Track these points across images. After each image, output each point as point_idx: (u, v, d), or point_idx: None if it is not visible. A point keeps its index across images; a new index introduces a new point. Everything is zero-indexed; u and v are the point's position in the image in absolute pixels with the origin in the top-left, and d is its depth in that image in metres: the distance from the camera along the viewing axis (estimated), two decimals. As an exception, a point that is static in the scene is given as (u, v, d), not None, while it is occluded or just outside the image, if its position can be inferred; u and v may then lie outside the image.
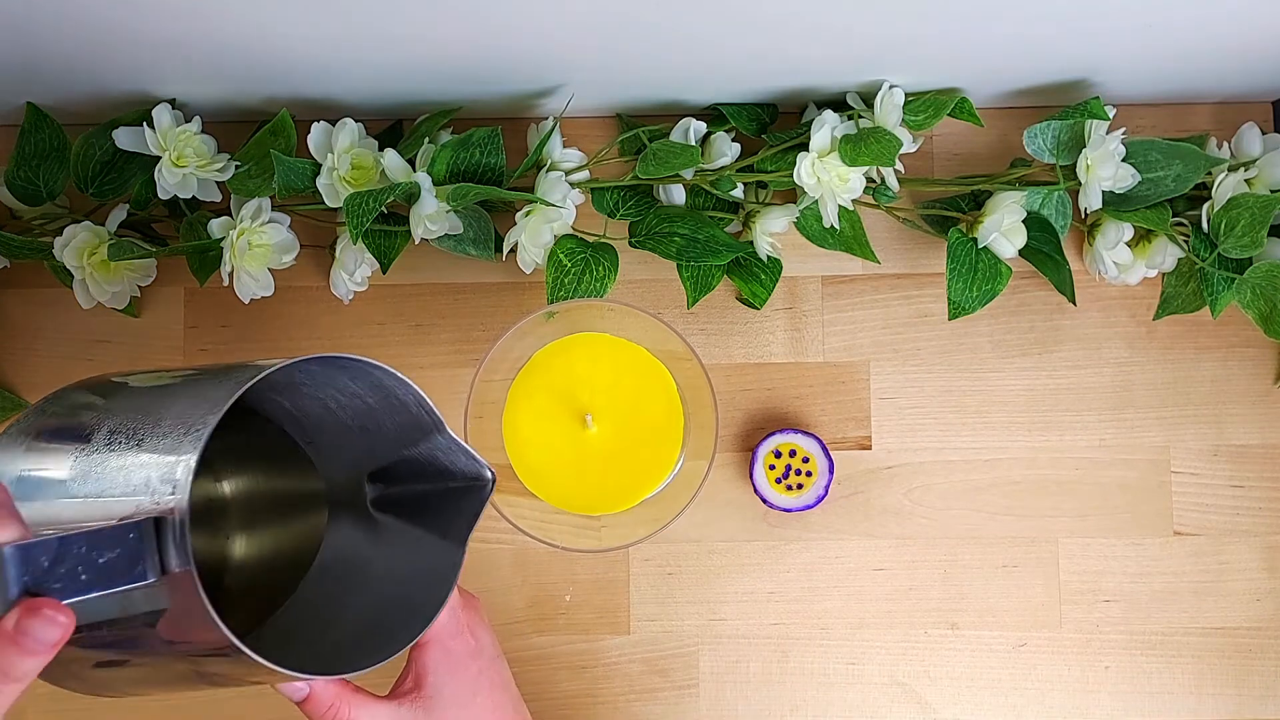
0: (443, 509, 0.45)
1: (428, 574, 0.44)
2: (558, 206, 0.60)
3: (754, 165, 0.63)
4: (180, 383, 0.41)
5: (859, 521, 0.66)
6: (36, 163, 0.61)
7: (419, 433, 0.44)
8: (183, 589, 0.34)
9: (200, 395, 0.38)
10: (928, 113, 0.62)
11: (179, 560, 0.34)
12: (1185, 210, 0.63)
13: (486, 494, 0.43)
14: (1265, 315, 0.60)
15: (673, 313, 0.67)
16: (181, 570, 0.34)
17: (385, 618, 0.44)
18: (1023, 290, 0.67)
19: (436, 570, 0.43)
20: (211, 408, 0.36)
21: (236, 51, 0.55)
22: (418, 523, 0.46)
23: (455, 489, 0.44)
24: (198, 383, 0.40)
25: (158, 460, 0.36)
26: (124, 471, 0.37)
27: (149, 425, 0.38)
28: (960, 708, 0.65)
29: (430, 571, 0.44)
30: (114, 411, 0.40)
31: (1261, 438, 0.66)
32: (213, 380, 0.39)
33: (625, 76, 0.61)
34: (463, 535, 0.43)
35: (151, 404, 0.39)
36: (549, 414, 0.61)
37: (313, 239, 0.65)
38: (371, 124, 0.64)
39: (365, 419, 0.46)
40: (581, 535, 0.61)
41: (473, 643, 0.47)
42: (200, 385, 0.40)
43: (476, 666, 0.47)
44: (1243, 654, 0.65)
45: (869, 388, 0.67)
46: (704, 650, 0.65)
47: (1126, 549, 0.65)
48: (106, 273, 0.62)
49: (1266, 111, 0.68)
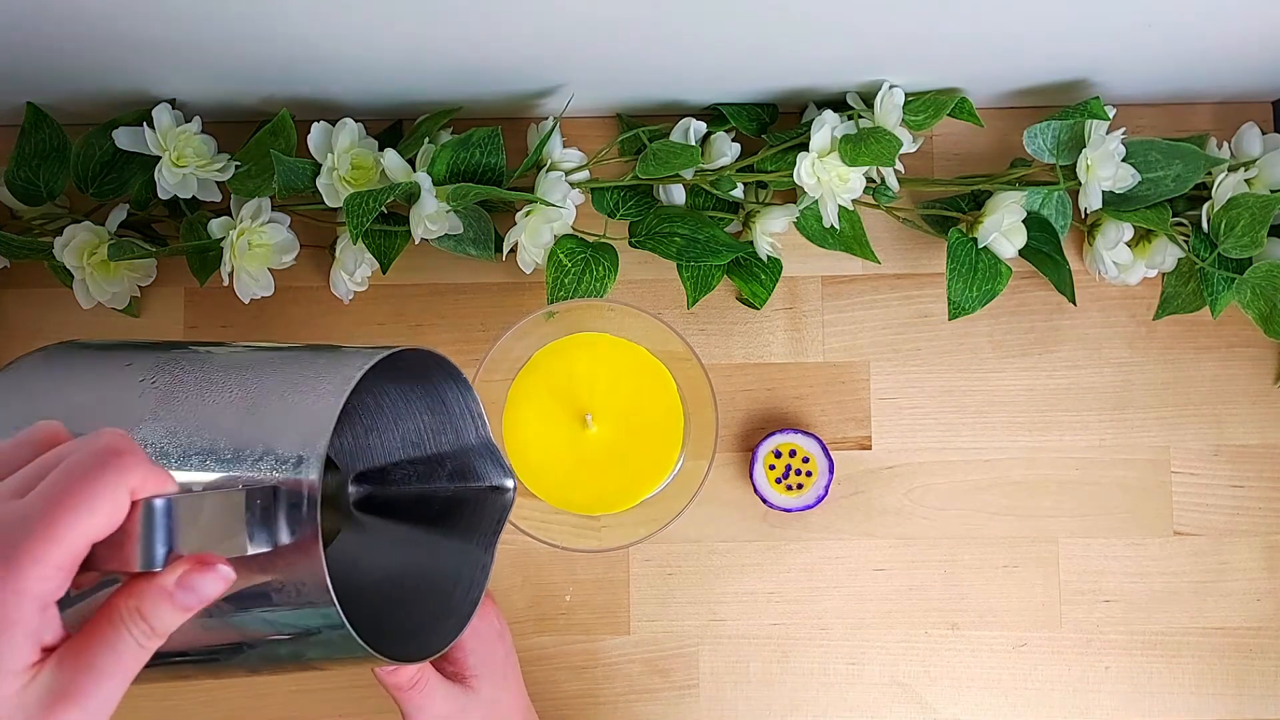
0: (452, 512, 0.45)
1: (428, 571, 0.44)
2: (558, 206, 0.60)
3: (754, 165, 0.63)
4: (288, 356, 0.41)
5: (859, 521, 0.66)
6: (36, 163, 0.61)
7: (445, 435, 0.44)
8: (302, 558, 0.33)
9: (320, 368, 0.38)
10: (928, 113, 0.62)
11: (303, 529, 0.33)
12: (1185, 210, 0.63)
13: (510, 499, 0.44)
14: (1265, 315, 0.60)
15: (673, 313, 0.67)
16: (306, 537, 0.33)
17: (387, 615, 0.44)
18: (1023, 290, 0.67)
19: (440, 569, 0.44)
20: (342, 381, 0.36)
21: (236, 51, 0.55)
22: (414, 523, 0.47)
23: (469, 493, 0.45)
24: (307, 356, 0.40)
25: (287, 426, 0.35)
26: (254, 434, 0.36)
27: (276, 392, 0.37)
28: (960, 708, 0.65)
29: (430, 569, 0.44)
30: (235, 375, 0.39)
31: (1261, 438, 0.66)
32: (327, 355, 0.39)
33: (625, 76, 0.61)
34: (489, 538, 0.44)
35: (270, 372, 0.39)
36: (549, 414, 0.61)
37: (313, 239, 0.65)
38: (371, 124, 0.64)
39: (375, 418, 0.46)
40: (581, 535, 0.61)
41: (497, 625, 0.51)
42: (312, 359, 0.39)
43: (503, 648, 0.51)
44: (1243, 654, 0.65)
45: (869, 388, 0.67)
46: (704, 650, 0.65)
47: (1126, 549, 0.65)
48: (106, 273, 0.62)
49: (1266, 111, 0.68)
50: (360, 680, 0.65)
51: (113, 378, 0.40)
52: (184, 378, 0.39)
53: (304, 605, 0.34)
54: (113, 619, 0.29)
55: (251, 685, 0.65)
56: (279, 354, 0.40)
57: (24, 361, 0.42)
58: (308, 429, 0.35)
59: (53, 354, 0.43)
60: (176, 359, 0.40)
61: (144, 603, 0.29)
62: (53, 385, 0.41)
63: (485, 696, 0.50)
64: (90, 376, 0.41)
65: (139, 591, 0.29)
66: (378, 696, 0.64)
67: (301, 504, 0.33)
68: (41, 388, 0.41)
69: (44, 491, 0.27)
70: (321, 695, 0.65)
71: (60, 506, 0.27)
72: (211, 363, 0.40)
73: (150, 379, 0.39)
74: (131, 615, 0.29)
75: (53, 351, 0.43)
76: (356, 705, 0.65)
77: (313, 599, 0.34)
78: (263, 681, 0.65)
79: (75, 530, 0.27)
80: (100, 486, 0.27)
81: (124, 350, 0.42)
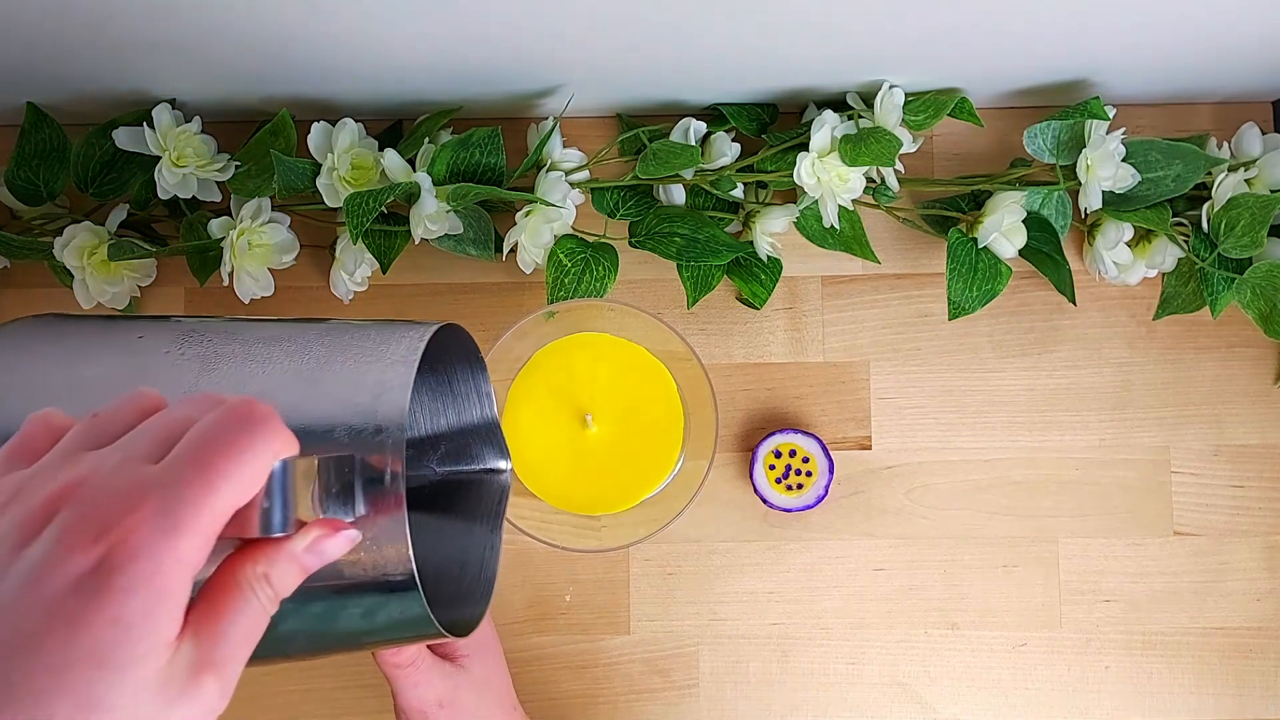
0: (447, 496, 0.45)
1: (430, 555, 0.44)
2: (558, 206, 0.60)
3: (754, 165, 0.63)
4: (322, 328, 0.40)
5: (859, 521, 0.66)
6: (36, 163, 0.61)
7: (444, 418, 0.44)
8: (383, 530, 0.33)
9: (373, 339, 0.38)
10: (928, 113, 0.62)
11: (386, 499, 0.33)
12: (1185, 210, 0.63)
13: (507, 480, 0.45)
14: (1265, 315, 0.60)
15: (673, 313, 0.67)
16: (390, 508, 0.33)
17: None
18: (1023, 290, 0.67)
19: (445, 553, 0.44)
20: (407, 350, 0.36)
21: (236, 51, 0.55)
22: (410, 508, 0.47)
23: (463, 476, 0.45)
24: (346, 328, 0.40)
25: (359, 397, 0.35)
26: (322, 407, 0.36)
27: (333, 363, 0.37)
28: (960, 708, 0.65)
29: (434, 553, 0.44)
30: (277, 348, 0.38)
31: (1261, 438, 0.66)
32: (368, 327, 0.39)
33: (625, 76, 0.61)
34: (493, 520, 0.45)
35: (315, 345, 0.38)
36: (549, 414, 0.61)
37: (313, 239, 0.65)
38: (371, 124, 0.64)
39: None
40: (581, 535, 0.61)
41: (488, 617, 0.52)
42: (359, 330, 0.39)
43: (490, 629, 0.53)
44: (1243, 654, 0.65)
45: (869, 388, 0.67)
46: (704, 650, 0.65)
47: (1126, 549, 0.65)
48: (106, 273, 0.62)
49: (1266, 111, 0.68)
50: (360, 680, 0.65)
51: (131, 350, 0.39)
52: (220, 350, 0.38)
53: (379, 577, 0.34)
54: (240, 584, 0.28)
55: (252, 686, 0.65)
56: (308, 326, 0.40)
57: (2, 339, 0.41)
58: (386, 399, 0.35)
59: (31, 328, 0.41)
60: (197, 331, 0.39)
61: (273, 568, 0.28)
62: (51, 359, 0.39)
63: (476, 675, 0.51)
64: (99, 349, 0.40)
65: (267, 556, 0.28)
66: (377, 697, 0.65)
67: (384, 475, 0.33)
68: (42, 362, 0.39)
69: (194, 457, 0.26)
70: (322, 696, 0.65)
71: (215, 471, 0.26)
72: (243, 335, 0.39)
73: (178, 350, 0.38)
74: (260, 580, 0.28)
75: (28, 326, 0.41)
76: (356, 705, 0.64)
77: (388, 571, 0.34)
78: (263, 682, 0.65)
79: (228, 496, 0.26)
80: (252, 452, 0.27)
81: (119, 322, 0.41)
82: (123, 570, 0.24)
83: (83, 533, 0.25)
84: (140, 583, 0.24)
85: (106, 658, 0.24)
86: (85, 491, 0.26)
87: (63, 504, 0.26)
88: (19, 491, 0.26)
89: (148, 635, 0.25)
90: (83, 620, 0.24)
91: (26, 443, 0.29)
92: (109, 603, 0.24)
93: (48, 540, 0.25)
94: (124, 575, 0.24)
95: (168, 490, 0.25)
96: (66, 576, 0.24)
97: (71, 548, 0.24)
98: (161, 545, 0.25)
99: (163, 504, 0.25)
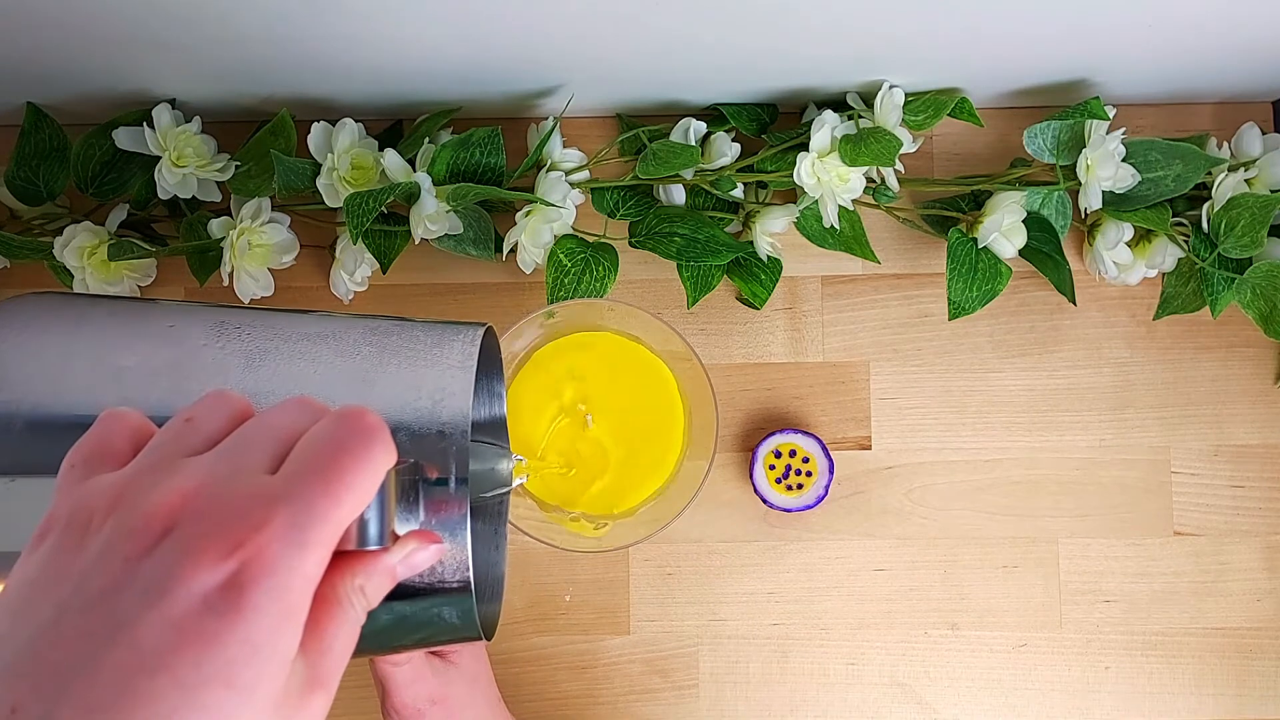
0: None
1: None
2: (558, 206, 0.60)
3: (754, 165, 0.63)
4: (367, 325, 0.39)
5: (859, 521, 0.66)
6: (36, 163, 0.61)
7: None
8: (445, 530, 0.33)
9: (423, 341, 0.37)
10: (928, 113, 0.62)
11: (450, 506, 0.33)
12: (1185, 210, 0.63)
13: (506, 475, 0.44)
14: (1265, 315, 0.60)
15: (673, 313, 0.67)
16: (454, 514, 0.33)
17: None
18: (1023, 290, 0.67)
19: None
20: (462, 355, 0.36)
21: (236, 51, 0.55)
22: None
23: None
24: (392, 327, 0.39)
25: (419, 401, 0.35)
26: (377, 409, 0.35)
27: (387, 365, 0.36)
28: (960, 708, 0.65)
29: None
30: (324, 346, 0.38)
31: (1261, 438, 0.66)
32: (415, 326, 0.39)
33: (625, 76, 0.61)
34: (495, 521, 0.45)
35: (364, 344, 0.38)
36: (549, 414, 0.61)
37: (313, 239, 0.65)
38: (371, 124, 0.64)
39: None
40: (581, 535, 0.61)
41: None
42: (407, 330, 0.38)
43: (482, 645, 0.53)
44: (1243, 654, 0.65)
45: (869, 388, 0.67)
46: (704, 650, 0.65)
47: (1126, 549, 0.65)
48: (106, 273, 0.62)
49: (1266, 111, 0.68)
50: (359, 680, 0.65)
51: (166, 339, 0.37)
52: (262, 346, 0.37)
53: (434, 582, 0.34)
54: (340, 599, 0.27)
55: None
56: (346, 322, 0.39)
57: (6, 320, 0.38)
58: (447, 404, 0.35)
59: (41, 307, 0.39)
60: (229, 323, 0.38)
61: (370, 581, 0.28)
62: (77, 344, 0.37)
63: (466, 671, 0.51)
64: (130, 338, 0.38)
65: (365, 569, 0.28)
66: (376, 697, 0.64)
67: (448, 480, 0.33)
68: (64, 346, 0.37)
69: (318, 469, 0.25)
70: (321, 695, 0.65)
71: (341, 484, 0.25)
72: (279, 329, 0.38)
73: (216, 344, 0.37)
74: (358, 594, 0.27)
75: (34, 304, 0.39)
76: (356, 705, 0.64)
77: (445, 576, 0.34)
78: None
79: (350, 509, 0.25)
80: (372, 464, 0.26)
81: (137, 305, 0.39)
82: (256, 586, 0.23)
83: (211, 547, 0.24)
84: (271, 601, 0.24)
85: (235, 678, 0.23)
86: (204, 504, 0.25)
87: (181, 515, 0.24)
88: (119, 497, 0.25)
89: (275, 655, 0.24)
90: (217, 640, 0.23)
91: (106, 442, 0.27)
92: (241, 622, 0.23)
93: (171, 553, 0.24)
94: (256, 592, 0.23)
95: (295, 504, 0.25)
96: (195, 593, 0.23)
97: (198, 564, 0.23)
98: (292, 561, 0.24)
99: (292, 518, 0.24)
